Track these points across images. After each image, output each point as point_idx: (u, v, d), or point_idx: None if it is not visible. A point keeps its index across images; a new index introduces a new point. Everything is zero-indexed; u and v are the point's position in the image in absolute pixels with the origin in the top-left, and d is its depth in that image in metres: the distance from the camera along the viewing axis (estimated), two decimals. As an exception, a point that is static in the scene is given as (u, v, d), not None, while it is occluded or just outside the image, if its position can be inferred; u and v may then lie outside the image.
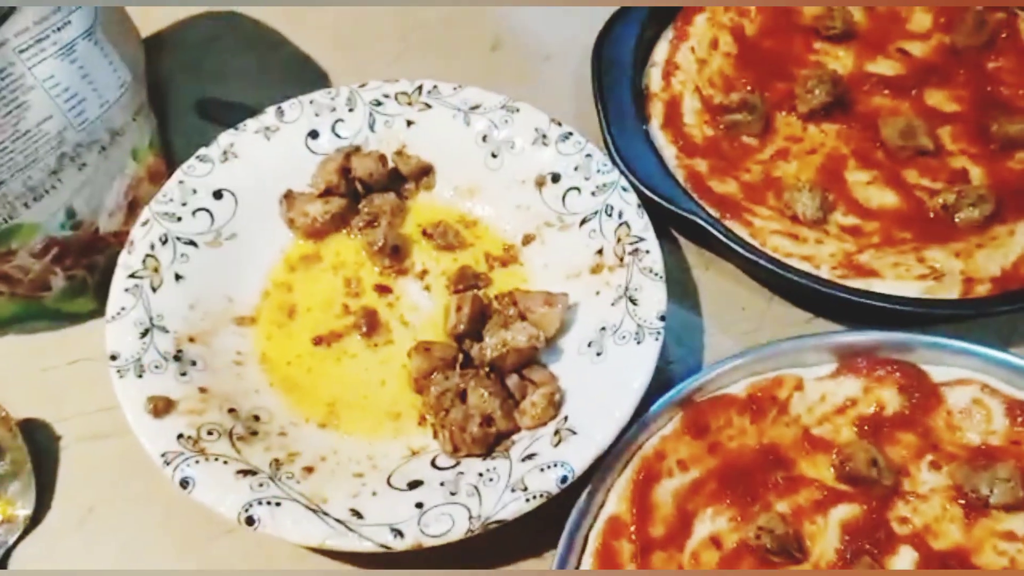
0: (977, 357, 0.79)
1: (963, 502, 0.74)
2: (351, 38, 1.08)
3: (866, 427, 0.78)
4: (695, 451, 0.76)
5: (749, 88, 0.98)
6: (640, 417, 0.75)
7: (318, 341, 0.84)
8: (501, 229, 0.90)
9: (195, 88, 1.04)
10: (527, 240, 0.89)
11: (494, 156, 0.91)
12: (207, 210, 0.87)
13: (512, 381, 0.78)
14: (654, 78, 0.98)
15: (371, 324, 0.85)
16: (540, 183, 0.89)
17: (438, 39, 1.08)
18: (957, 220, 0.88)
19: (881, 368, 0.79)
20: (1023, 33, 1.02)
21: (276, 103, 0.92)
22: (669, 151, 0.93)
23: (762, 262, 0.83)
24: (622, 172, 0.87)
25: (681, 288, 0.90)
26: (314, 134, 0.91)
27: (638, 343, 0.77)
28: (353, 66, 1.04)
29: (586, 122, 0.93)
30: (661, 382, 0.78)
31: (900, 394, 0.79)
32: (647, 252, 0.82)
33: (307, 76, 1.04)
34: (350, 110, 0.92)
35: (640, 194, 0.86)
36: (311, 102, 0.92)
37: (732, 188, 0.91)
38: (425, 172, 0.92)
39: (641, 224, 0.83)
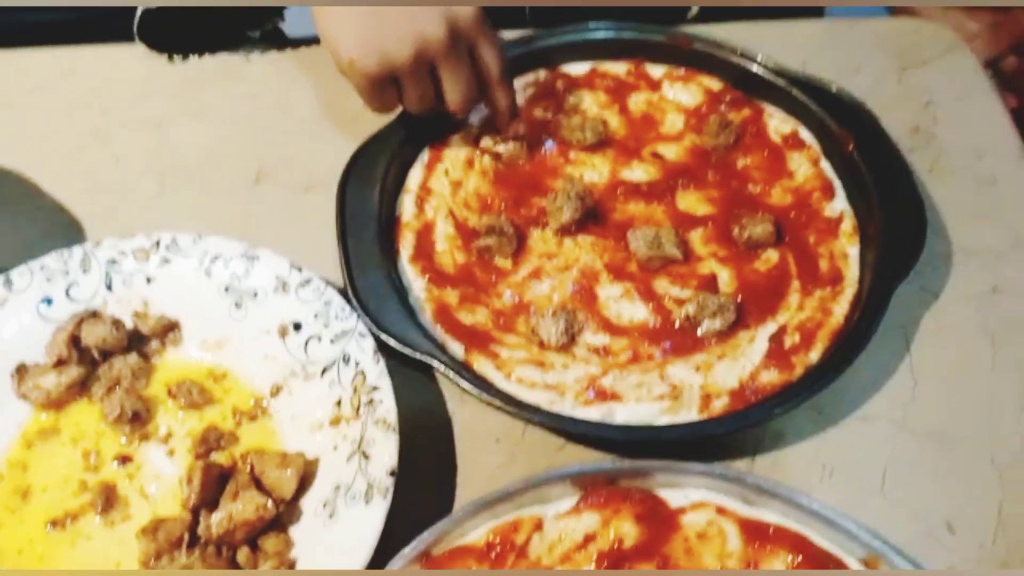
0: (711, 477, 0.80)
1: (698, 634, 0.74)
2: (107, 183, 1.05)
3: (605, 563, 0.77)
4: (432, 610, 0.75)
5: (503, 207, 0.99)
6: (372, 583, 0.74)
7: (53, 524, 0.81)
8: (250, 381, 0.89)
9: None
10: (275, 391, 0.87)
11: (238, 307, 0.90)
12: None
13: (243, 555, 0.76)
14: (407, 206, 0.98)
15: (108, 500, 0.82)
16: (283, 332, 0.88)
17: (198, 176, 1.06)
18: (700, 333, 0.90)
19: (618, 499, 0.79)
20: (769, 129, 1.05)
21: (27, 259, 0.90)
22: (418, 284, 0.92)
23: (497, 402, 0.83)
24: (360, 316, 0.86)
25: (436, 426, 0.88)
26: (48, 301, 0.89)
27: (367, 503, 0.76)
28: (109, 213, 1.02)
29: (341, 258, 0.92)
30: (415, 533, 0.77)
31: (637, 524, 0.79)
32: (381, 402, 0.81)
33: (59, 229, 1.01)
34: (84, 272, 0.90)
35: (377, 338, 0.85)
36: (42, 268, 0.89)
37: (482, 317, 0.91)
38: (170, 328, 0.90)
39: (376, 372, 0.82)
